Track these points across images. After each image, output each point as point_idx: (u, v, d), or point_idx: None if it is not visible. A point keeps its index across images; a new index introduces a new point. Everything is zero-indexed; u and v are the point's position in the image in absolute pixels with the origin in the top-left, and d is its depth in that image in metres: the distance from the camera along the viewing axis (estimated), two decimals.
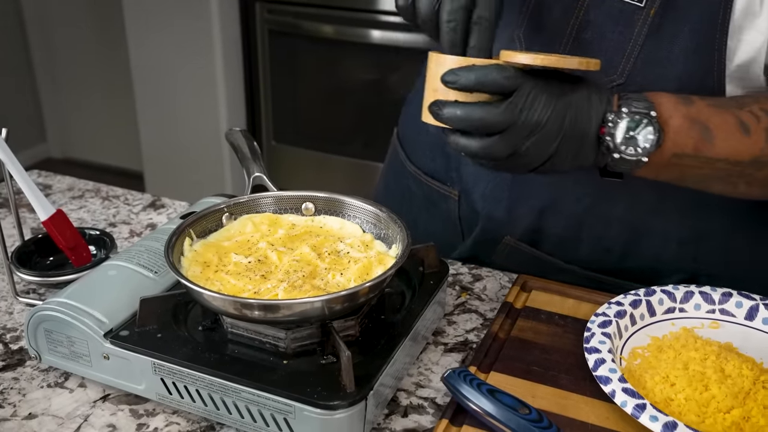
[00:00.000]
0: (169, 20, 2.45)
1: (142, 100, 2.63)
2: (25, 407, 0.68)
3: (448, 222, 0.95)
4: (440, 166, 0.94)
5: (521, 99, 0.63)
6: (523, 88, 0.63)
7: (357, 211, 0.77)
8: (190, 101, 2.53)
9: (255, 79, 2.48)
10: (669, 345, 0.70)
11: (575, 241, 0.85)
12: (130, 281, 0.73)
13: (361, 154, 2.47)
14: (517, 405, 0.60)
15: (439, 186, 0.94)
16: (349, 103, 2.45)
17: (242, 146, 0.87)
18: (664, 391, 0.64)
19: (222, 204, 0.77)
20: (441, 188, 0.94)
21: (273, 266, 0.70)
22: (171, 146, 2.63)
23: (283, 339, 0.65)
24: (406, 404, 0.70)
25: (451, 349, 0.77)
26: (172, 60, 2.50)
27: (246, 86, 2.51)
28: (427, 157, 0.96)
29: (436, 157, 0.94)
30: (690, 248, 0.84)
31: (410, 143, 1.01)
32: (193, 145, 2.58)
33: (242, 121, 2.55)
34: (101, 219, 1.03)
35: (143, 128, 2.67)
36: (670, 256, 0.83)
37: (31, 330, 0.70)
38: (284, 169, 2.53)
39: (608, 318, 0.72)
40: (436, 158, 0.94)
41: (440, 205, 0.95)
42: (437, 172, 0.95)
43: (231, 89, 2.49)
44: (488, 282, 0.90)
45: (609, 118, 0.65)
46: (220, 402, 0.64)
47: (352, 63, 2.40)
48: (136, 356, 0.66)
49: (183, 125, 2.58)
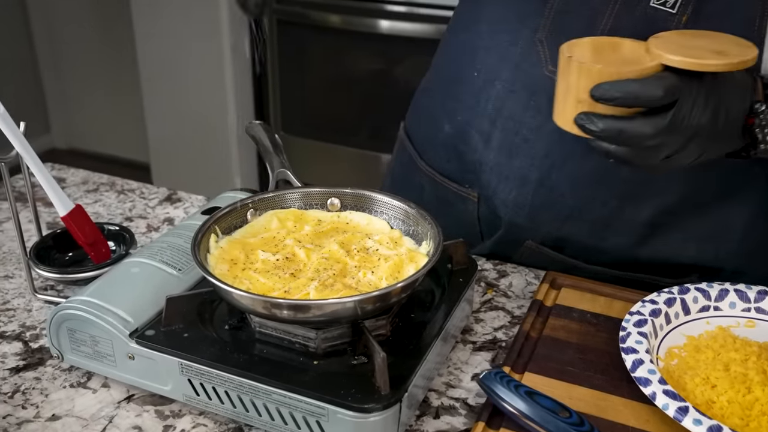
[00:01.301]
0: (176, 10, 2.42)
1: (149, 90, 2.61)
2: (48, 408, 0.67)
3: (465, 222, 0.93)
4: (455, 168, 0.91)
5: (683, 110, 0.61)
6: (683, 99, 0.61)
7: (384, 207, 0.75)
8: (198, 92, 2.51)
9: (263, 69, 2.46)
10: (706, 345, 0.69)
11: (599, 244, 0.84)
12: (153, 279, 0.71)
13: (369, 145, 2.45)
14: (557, 408, 0.59)
15: (456, 187, 0.92)
16: (357, 94, 2.42)
17: (263, 140, 0.86)
18: (705, 393, 0.63)
19: (247, 199, 0.75)
20: (458, 189, 0.91)
21: (302, 264, 0.68)
22: (178, 137, 2.60)
23: (314, 339, 0.64)
24: (438, 405, 0.68)
25: (479, 348, 0.76)
26: (179, 50, 2.48)
27: (254, 77, 2.49)
28: (441, 157, 0.93)
29: (451, 159, 0.91)
30: (710, 245, 0.83)
31: (421, 142, 0.98)
32: (201, 136, 2.56)
33: (250, 112, 2.53)
34: (117, 213, 1.02)
35: (150, 119, 2.65)
36: (691, 253, 0.82)
37: (54, 329, 0.69)
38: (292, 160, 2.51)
39: (643, 317, 0.71)
40: (450, 159, 0.92)
41: (457, 205, 0.92)
42: (452, 173, 0.92)
43: (239, 80, 2.46)
44: (514, 278, 0.88)
45: (759, 109, 0.64)
46: (250, 404, 0.62)
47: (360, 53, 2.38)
48: (162, 356, 0.64)
49: (191, 116, 2.55)
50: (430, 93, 0.96)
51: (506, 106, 0.82)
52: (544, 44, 0.79)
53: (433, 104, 0.95)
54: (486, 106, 0.84)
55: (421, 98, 1.00)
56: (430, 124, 0.95)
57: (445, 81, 0.92)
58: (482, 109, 0.85)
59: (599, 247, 0.84)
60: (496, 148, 0.84)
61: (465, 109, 0.87)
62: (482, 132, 0.85)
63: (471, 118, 0.86)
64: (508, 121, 0.82)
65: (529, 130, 0.81)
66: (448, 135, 0.91)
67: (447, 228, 0.95)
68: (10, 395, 0.68)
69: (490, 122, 0.84)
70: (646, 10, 0.74)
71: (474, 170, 0.88)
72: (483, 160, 0.86)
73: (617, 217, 0.81)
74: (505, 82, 0.82)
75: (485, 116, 0.84)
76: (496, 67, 0.83)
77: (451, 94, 0.90)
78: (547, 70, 0.79)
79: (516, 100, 0.81)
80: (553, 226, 0.84)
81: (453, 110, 0.89)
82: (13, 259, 0.90)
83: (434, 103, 0.94)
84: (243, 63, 2.47)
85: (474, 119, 0.86)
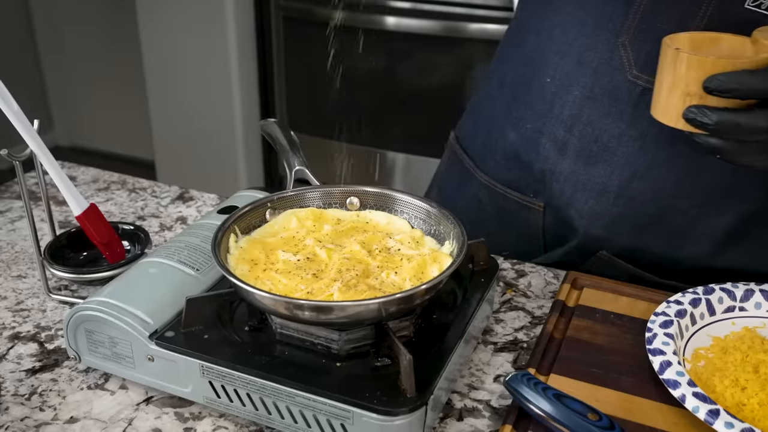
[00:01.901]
0: (181, 6, 2.41)
1: (153, 87, 2.60)
2: (65, 410, 0.66)
3: (525, 232, 0.90)
4: (518, 177, 0.89)
5: None
6: None
7: (404, 206, 0.74)
8: (203, 88, 2.50)
9: (269, 66, 2.45)
10: (733, 346, 0.68)
11: (676, 254, 0.81)
12: (172, 279, 0.70)
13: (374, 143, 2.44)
14: (586, 410, 0.58)
15: (519, 197, 0.89)
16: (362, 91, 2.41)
17: (280, 138, 0.85)
18: (735, 396, 0.62)
19: (266, 199, 0.74)
20: (521, 199, 0.89)
21: (323, 264, 0.67)
22: (183, 134, 2.59)
23: (337, 341, 0.63)
24: (461, 407, 0.67)
25: (501, 349, 0.75)
26: (184, 47, 2.47)
27: (260, 74, 2.47)
28: (502, 167, 0.90)
29: (513, 168, 0.89)
30: None
31: (480, 151, 0.95)
32: (206, 133, 2.55)
33: (256, 110, 2.52)
34: (129, 212, 1.01)
35: (155, 116, 2.63)
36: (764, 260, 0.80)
37: (71, 330, 0.68)
38: None
39: (669, 318, 0.70)
40: (512, 169, 0.89)
41: (519, 215, 0.90)
42: (514, 183, 0.89)
43: (245, 76, 2.45)
44: (532, 278, 0.87)
45: None
46: (272, 406, 0.61)
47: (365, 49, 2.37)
48: (183, 358, 0.63)
49: (196, 113, 2.54)
50: (492, 100, 0.93)
51: (584, 112, 0.79)
52: (628, 48, 0.76)
53: (495, 112, 0.91)
54: (561, 113, 0.81)
55: (480, 106, 0.96)
56: (491, 133, 0.92)
57: (510, 88, 0.89)
58: (556, 116, 0.82)
59: (676, 257, 0.81)
60: (572, 156, 0.81)
61: (535, 116, 0.84)
62: (556, 140, 0.82)
63: (542, 126, 0.84)
64: (587, 128, 0.79)
65: (609, 137, 0.78)
66: (512, 143, 0.88)
67: (505, 238, 0.92)
68: (27, 397, 0.67)
69: (566, 129, 0.81)
70: (740, 12, 0.70)
71: (542, 179, 0.85)
72: (556, 168, 0.83)
73: (697, 226, 0.79)
74: (582, 87, 0.79)
75: (560, 123, 0.82)
76: (572, 73, 0.80)
77: (518, 101, 0.87)
78: (631, 75, 0.76)
79: (595, 106, 0.78)
80: (630, 236, 0.81)
81: (520, 118, 0.86)
82: (26, 258, 0.89)
83: (497, 111, 0.91)
84: (249, 60, 2.46)
85: (546, 126, 0.83)
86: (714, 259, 0.80)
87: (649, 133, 0.76)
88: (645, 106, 0.71)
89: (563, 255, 0.87)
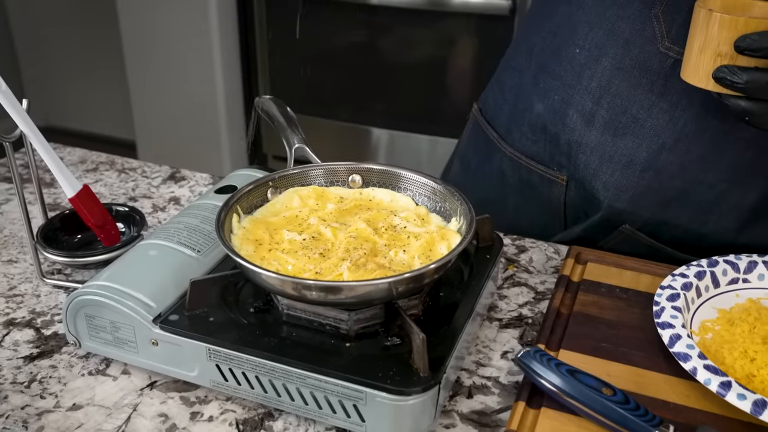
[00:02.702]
0: None
1: (132, 65, 2.54)
2: (67, 397, 0.64)
3: (547, 207, 0.89)
4: (543, 150, 0.88)
5: None
6: None
7: (409, 183, 0.73)
8: (184, 67, 2.45)
9: (252, 43, 2.41)
10: (740, 318, 0.68)
11: (700, 229, 0.81)
12: (172, 261, 0.68)
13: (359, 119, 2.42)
14: (600, 386, 0.58)
15: (543, 170, 0.88)
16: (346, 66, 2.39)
17: (277, 115, 0.83)
18: (745, 367, 0.62)
19: (267, 177, 0.72)
20: (545, 172, 0.88)
21: (329, 243, 0.66)
22: (165, 113, 2.55)
23: (346, 321, 0.62)
24: (470, 384, 0.67)
25: (506, 325, 0.74)
26: (164, 23, 2.41)
27: (242, 51, 2.43)
28: (528, 139, 0.89)
29: (539, 140, 0.88)
30: None
31: (505, 123, 0.93)
32: (188, 112, 2.50)
33: (239, 87, 2.48)
34: (120, 193, 0.99)
35: (134, 94, 2.58)
36: None
37: (71, 315, 0.66)
38: None
39: (676, 291, 0.69)
40: (538, 141, 0.88)
41: (541, 189, 0.89)
42: (539, 155, 0.88)
43: (227, 54, 2.41)
44: (533, 253, 0.87)
45: None
46: (282, 388, 0.60)
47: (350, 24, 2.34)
48: (188, 342, 0.62)
49: (177, 91, 2.50)
50: (518, 71, 0.91)
51: (613, 83, 0.78)
52: (660, 19, 0.75)
53: (521, 83, 0.90)
54: (589, 84, 0.80)
55: (506, 77, 0.95)
56: (517, 104, 0.91)
57: (538, 58, 0.87)
58: (584, 87, 0.81)
59: (699, 232, 0.81)
60: (600, 127, 0.80)
61: (563, 87, 0.83)
62: (583, 111, 0.81)
63: (570, 97, 0.83)
64: (615, 99, 0.79)
65: (639, 108, 0.77)
66: (539, 115, 0.87)
67: (527, 213, 0.92)
68: (27, 384, 0.66)
69: (594, 101, 0.80)
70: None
71: (568, 152, 0.85)
72: (582, 140, 0.82)
73: (723, 201, 0.78)
74: (612, 58, 0.78)
75: (588, 94, 0.81)
76: (602, 43, 0.78)
77: (546, 72, 0.85)
78: (663, 46, 0.75)
79: (625, 77, 0.77)
80: (655, 210, 0.81)
81: (548, 88, 0.85)
82: (16, 242, 0.87)
83: (523, 82, 0.90)
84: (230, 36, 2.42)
85: (573, 98, 0.82)
86: (737, 236, 0.80)
87: (679, 104, 0.75)
88: (676, 79, 0.71)
89: (583, 231, 0.86)
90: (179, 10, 2.37)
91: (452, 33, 2.23)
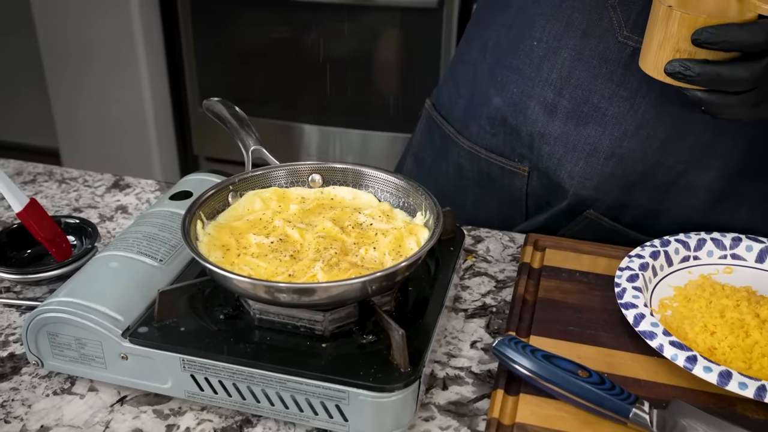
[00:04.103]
0: None
1: (52, 70, 2.44)
2: (34, 420, 0.62)
3: (508, 199, 0.91)
4: (503, 142, 0.89)
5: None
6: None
7: (371, 181, 0.73)
8: (108, 70, 2.37)
9: (177, 43, 2.35)
10: (695, 294, 0.71)
11: (658, 212, 0.84)
12: (135, 272, 0.66)
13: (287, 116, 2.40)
14: (576, 368, 0.59)
15: (504, 162, 0.89)
16: (274, 64, 2.36)
17: (227, 117, 0.82)
18: (706, 341, 0.64)
19: (227, 181, 0.71)
20: (506, 164, 0.89)
21: (298, 245, 0.65)
22: (90, 119, 2.46)
23: (321, 321, 0.61)
24: (443, 376, 0.67)
25: (471, 315, 0.75)
26: (84, 26, 2.33)
27: (167, 52, 2.37)
28: (487, 132, 0.90)
29: (498, 133, 0.89)
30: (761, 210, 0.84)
31: (461, 117, 0.94)
32: (113, 118, 2.42)
33: (165, 89, 2.42)
34: (63, 204, 0.95)
35: (56, 101, 2.48)
36: (744, 216, 0.83)
37: (31, 334, 0.64)
38: (213, 136, 2.43)
39: (634, 271, 0.72)
40: (497, 134, 0.89)
41: (501, 181, 0.90)
42: (498, 147, 0.89)
43: (151, 56, 2.34)
44: (490, 243, 0.88)
45: None
46: (261, 394, 0.59)
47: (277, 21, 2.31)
48: (161, 354, 0.60)
49: (101, 96, 2.41)
50: (472, 65, 0.91)
51: (574, 74, 0.80)
52: (617, 9, 0.76)
53: (476, 77, 0.91)
54: (550, 76, 0.81)
55: (459, 72, 0.95)
56: (473, 98, 0.91)
57: (493, 52, 0.88)
58: (545, 79, 0.82)
59: (658, 213, 0.83)
60: (562, 118, 0.82)
61: (522, 79, 0.84)
62: (545, 103, 0.83)
63: (530, 89, 0.83)
64: (577, 90, 0.80)
65: (600, 97, 0.79)
66: (498, 108, 0.87)
67: (486, 205, 0.92)
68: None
69: (555, 92, 0.81)
70: None
71: (530, 143, 0.86)
72: (546, 131, 0.83)
73: (681, 181, 0.81)
74: (572, 50, 0.79)
75: (549, 86, 0.82)
76: (560, 35, 0.80)
77: (503, 65, 0.86)
78: (621, 36, 0.76)
79: (585, 68, 0.79)
80: (618, 194, 0.83)
81: (505, 82, 0.86)
82: None
83: (478, 76, 0.90)
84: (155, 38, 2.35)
85: (534, 90, 0.83)
86: (694, 214, 0.83)
87: (639, 92, 0.77)
88: (635, 67, 0.73)
89: (546, 220, 0.88)
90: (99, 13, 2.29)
91: (379, 27, 2.24)
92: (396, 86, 2.32)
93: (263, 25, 2.29)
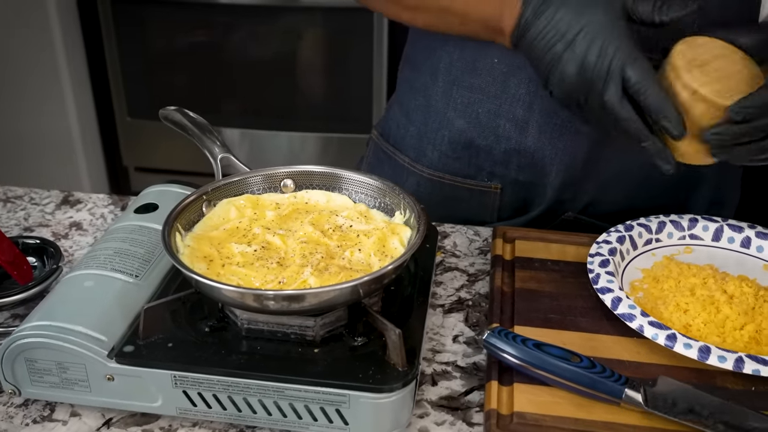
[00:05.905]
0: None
1: None
2: None
3: (478, 212, 0.91)
4: (468, 165, 0.88)
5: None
6: None
7: (347, 183, 0.73)
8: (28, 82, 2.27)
9: (100, 52, 2.27)
10: (663, 274, 0.74)
11: (632, 205, 0.86)
12: (112, 290, 0.64)
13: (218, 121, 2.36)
14: (567, 355, 0.61)
15: (472, 184, 0.89)
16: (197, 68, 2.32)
17: (188, 125, 0.80)
18: (681, 319, 0.67)
19: (200, 191, 0.70)
20: (475, 185, 0.89)
21: (282, 251, 0.65)
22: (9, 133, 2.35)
23: (312, 327, 0.61)
24: (431, 372, 0.68)
25: (449, 310, 0.76)
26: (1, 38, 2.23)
27: (90, 61, 2.29)
28: (449, 157, 0.89)
29: (462, 156, 0.88)
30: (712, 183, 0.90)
31: (414, 146, 0.92)
32: (36, 131, 2.33)
33: (89, 99, 2.34)
34: (11, 224, 0.91)
35: None
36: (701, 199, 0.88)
37: (7, 362, 0.61)
38: (144, 145, 2.36)
39: (605, 257, 0.74)
40: (461, 157, 0.88)
41: (470, 201, 0.90)
42: (463, 170, 0.89)
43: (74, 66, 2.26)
44: (456, 238, 0.89)
45: None
46: (258, 404, 0.59)
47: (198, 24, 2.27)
48: (151, 372, 0.59)
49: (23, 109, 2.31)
50: (422, 91, 0.89)
51: (541, 88, 0.77)
52: None
53: (430, 101, 0.89)
54: (518, 92, 0.82)
55: (407, 99, 0.92)
56: (428, 123, 0.89)
57: (446, 74, 0.86)
58: (512, 96, 0.82)
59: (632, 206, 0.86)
60: (535, 132, 0.83)
61: (487, 98, 0.84)
62: (515, 119, 0.83)
63: (497, 108, 0.83)
64: (546, 102, 0.81)
65: None
66: (461, 130, 0.86)
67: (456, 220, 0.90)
68: None
69: (525, 108, 0.82)
70: None
71: (505, 161, 0.86)
72: (520, 147, 0.84)
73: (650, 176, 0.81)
74: None
75: (518, 102, 0.82)
76: None
77: (461, 86, 0.85)
78: None
79: None
80: (595, 194, 0.85)
81: (467, 102, 0.85)
82: None
83: (432, 100, 0.88)
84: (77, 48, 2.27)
85: (502, 108, 0.83)
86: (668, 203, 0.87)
87: None
88: None
89: (526, 223, 0.89)
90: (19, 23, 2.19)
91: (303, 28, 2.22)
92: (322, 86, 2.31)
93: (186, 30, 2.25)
